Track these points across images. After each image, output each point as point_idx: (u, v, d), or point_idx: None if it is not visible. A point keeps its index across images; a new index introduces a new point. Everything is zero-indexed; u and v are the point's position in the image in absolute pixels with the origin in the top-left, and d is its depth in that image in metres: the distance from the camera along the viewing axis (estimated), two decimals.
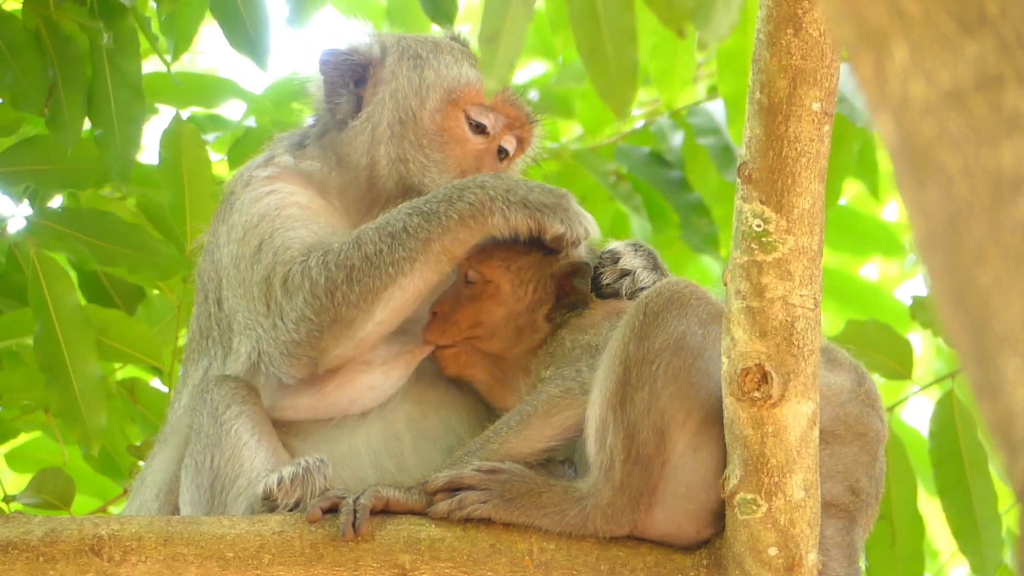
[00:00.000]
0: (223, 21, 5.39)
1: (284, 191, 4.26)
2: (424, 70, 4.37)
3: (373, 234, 4.03)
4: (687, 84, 6.36)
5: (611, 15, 4.74)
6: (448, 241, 4.03)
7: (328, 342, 4.01)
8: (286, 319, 4.01)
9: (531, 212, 4.04)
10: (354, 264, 4.00)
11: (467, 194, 4.04)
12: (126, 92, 5.25)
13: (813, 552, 3.67)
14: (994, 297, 1.74)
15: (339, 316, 4.00)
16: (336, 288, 3.99)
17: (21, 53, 5.17)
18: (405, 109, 4.33)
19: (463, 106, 4.36)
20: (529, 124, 4.44)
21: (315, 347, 4.01)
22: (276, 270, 4.06)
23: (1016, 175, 1.74)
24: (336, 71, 4.40)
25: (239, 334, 4.12)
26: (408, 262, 4.01)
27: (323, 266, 4.01)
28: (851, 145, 6.22)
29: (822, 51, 3.44)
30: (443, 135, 4.33)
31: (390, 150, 4.30)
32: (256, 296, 4.07)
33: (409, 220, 4.03)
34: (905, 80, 1.79)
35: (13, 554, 3.73)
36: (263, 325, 4.04)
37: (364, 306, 4.00)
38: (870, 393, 3.88)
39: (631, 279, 4.08)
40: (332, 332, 4.00)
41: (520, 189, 4.05)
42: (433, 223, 4.02)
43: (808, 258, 3.53)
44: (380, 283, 4.00)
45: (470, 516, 3.77)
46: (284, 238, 4.12)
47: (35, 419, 5.63)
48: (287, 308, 4.02)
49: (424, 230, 4.02)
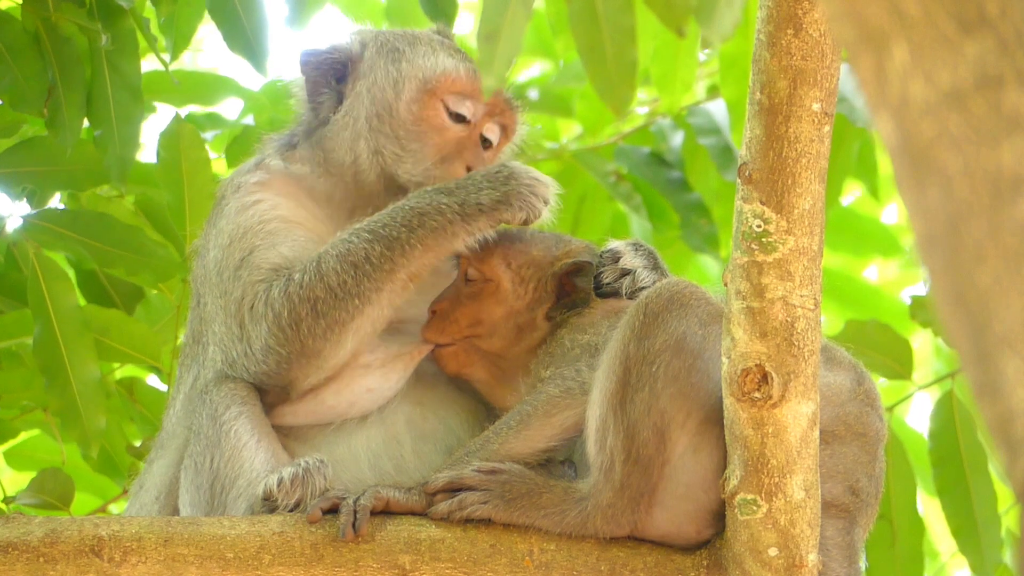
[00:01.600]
0: (221, 23, 5.40)
1: (269, 202, 4.26)
2: (400, 62, 4.37)
3: (335, 263, 4.02)
4: (689, 88, 6.36)
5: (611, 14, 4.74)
6: (414, 268, 4.05)
7: (297, 372, 4.03)
8: (254, 347, 4.03)
9: (489, 215, 4.06)
10: (318, 296, 4.00)
11: (427, 220, 4.04)
12: (125, 93, 5.25)
13: (813, 552, 3.66)
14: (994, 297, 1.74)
15: (306, 348, 4.01)
16: (301, 321, 4.00)
17: (20, 54, 5.17)
18: (382, 102, 4.33)
19: (440, 95, 4.34)
20: (511, 110, 4.42)
21: (284, 377, 4.03)
22: (246, 293, 4.08)
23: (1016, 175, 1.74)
24: (317, 71, 4.41)
25: (213, 344, 4.13)
26: (375, 292, 4.02)
27: (285, 297, 4.02)
28: (851, 145, 6.22)
29: (822, 52, 3.44)
30: (420, 124, 4.32)
31: (368, 143, 4.30)
32: (233, 314, 4.09)
33: (371, 249, 4.02)
34: (905, 80, 1.79)
35: (13, 555, 3.73)
36: (236, 349, 4.06)
37: (332, 337, 4.01)
38: (870, 393, 3.87)
39: (631, 279, 4.07)
40: (300, 363, 4.02)
41: (471, 197, 4.06)
42: (396, 252, 4.02)
43: (808, 258, 3.53)
44: (347, 315, 4.01)
45: (470, 517, 3.77)
46: (259, 259, 4.12)
47: (34, 418, 5.63)
48: (253, 336, 4.03)
49: (388, 260, 4.02)
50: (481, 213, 4.05)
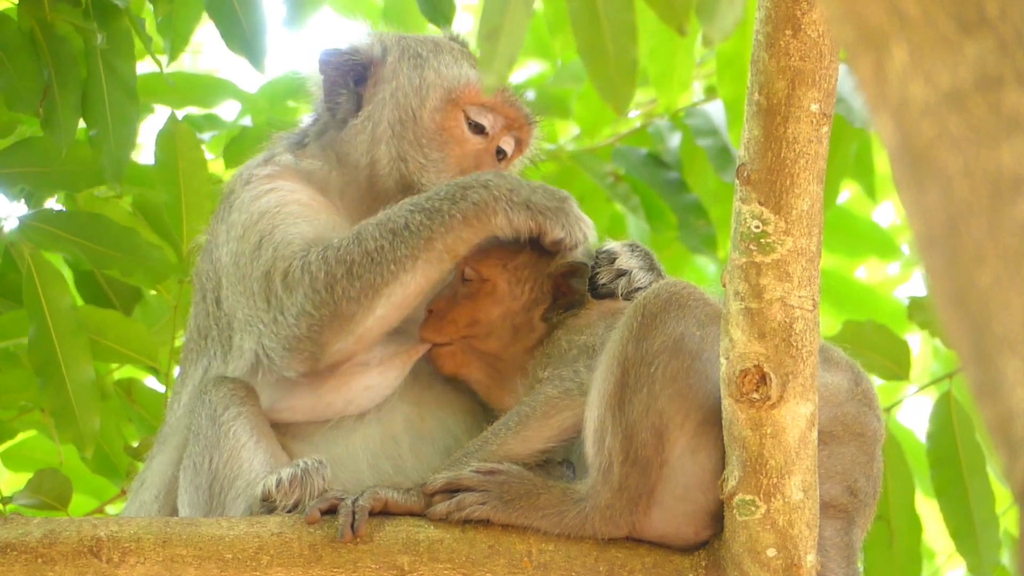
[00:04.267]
0: (219, 22, 5.40)
1: (284, 188, 4.26)
2: (424, 70, 4.37)
3: (374, 230, 4.03)
4: (686, 87, 6.36)
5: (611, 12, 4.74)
6: (451, 240, 4.03)
7: (329, 336, 4.01)
8: (287, 313, 4.01)
9: (533, 214, 4.05)
10: (354, 259, 4.00)
11: (471, 193, 4.04)
12: (121, 93, 5.25)
13: (812, 553, 3.66)
14: (994, 297, 1.74)
15: (339, 311, 4.00)
16: (336, 283, 3.99)
17: (16, 54, 5.17)
18: (405, 108, 4.33)
19: (462, 106, 4.36)
20: (528, 125, 4.44)
21: (316, 341, 4.01)
22: (276, 265, 4.06)
23: (1015, 176, 1.74)
24: (337, 71, 4.40)
25: (240, 331, 4.12)
26: (411, 259, 4.01)
27: (323, 261, 4.01)
28: (849, 146, 6.22)
29: (820, 52, 3.44)
30: (442, 135, 4.33)
31: (390, 149, 4.30)
32: (256, 292, 4.07)
33: (411, 217, 4.03)
34: (905, 81, 1.79)
35: (12, 555, 3.73)
36: (264, 320, 4.04)
37: (365, 301, 4.00)
38: (867, 393, 3.88)
39: (627, 279, 4.07)
40: (333, 326, 4.00)
41: (523, 190, 4.05)
42: (436, 221, 4.02)
43: (807, 259, 3.53)
44: (381, 279, 4.00)
45: (469, 517, 3.77)
46: (284, 234, 4.12)
47: (32, 419, 5.62)
48: (287, 303, 4.02)
49: (427, 228, 4.02)
50: (527, 209, 4.04)
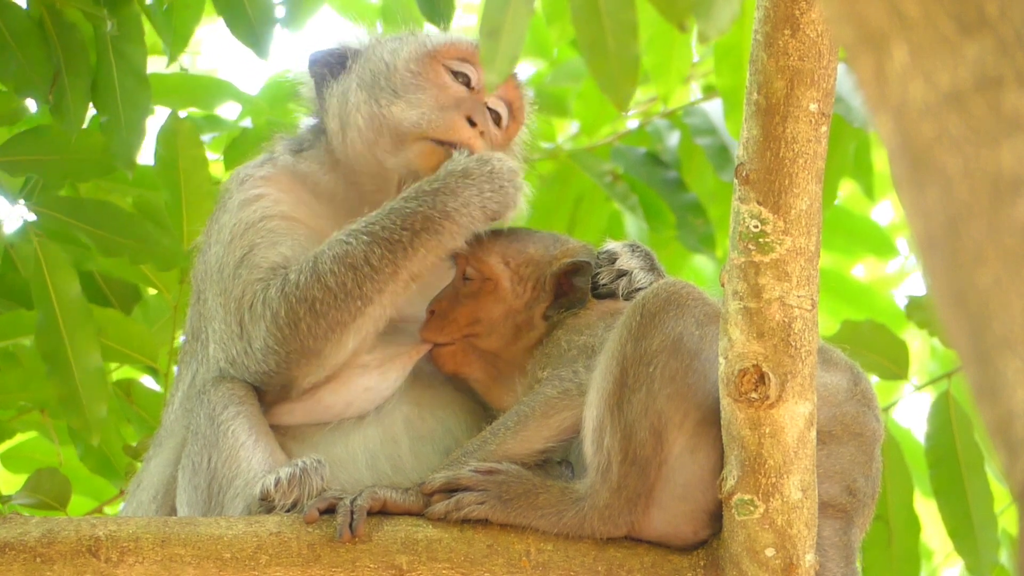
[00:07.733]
0: (224, 10, 5.40)
1: (271, 197, 4.23)
2: (400, 39, 4.37)
3: (332, 264, 3.99)
4: (684, 78, 6.36)
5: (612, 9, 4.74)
6: (416, 268, 4.03)
7: (298, 371, 4.01)
8: (254, 346, 4.00)
9: (488, 218, 4.07)
10: (316, 297, 3.96)
11: (431, 224, 4.01)
12: (131, 79, 5.26)
13: (810, 553, 3.67)
14: (994, 298, 1.74)
15: (306, 348, 3.98)
16: (299, 320, 3.97)
17: (25, 41, 5.17)
18: (377, 65, 4.30)
19: (442, 60, 4.31)
20: (516, 88, 4.38)
21: (284, 376, 4.02)
22: (245, 292, 4.05)
23: (1015, 176, 1.74)
24: (324, 68, 4.40)
25: (214, 342, 4.11)
26: (378, 293, 4.00)
27: (282, 298, 3.98)
28: (847, 145, 6.22)
29: (819, 52, 3.44)
30: (418, 78, 4.27)
31: (360, 104, 4.24)
32: (233, 311, 4.06)
33: (370, 251, 3.99)
34: (905, 81, 1.79)
35: (10, 555, 3.73)
36: (236, 347, 4.04)
37: (334, 337, 3.99)
38: (866, 393, 3.88)
39: (628, 279, 4.07)
40: (301, 363, 4.00)
41: (474, 198, 4.05)
42: (399, 255, 3.99)
43: (805, 259, 3.53)
44: (349, 315, 3.98)
45: (467, 517, 3.77)
46: (260, 257, 4.10)
47: (31, 419, 5.62)
48: (254, 334, 4.00)
49: (390, 263, 3.99)
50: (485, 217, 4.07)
